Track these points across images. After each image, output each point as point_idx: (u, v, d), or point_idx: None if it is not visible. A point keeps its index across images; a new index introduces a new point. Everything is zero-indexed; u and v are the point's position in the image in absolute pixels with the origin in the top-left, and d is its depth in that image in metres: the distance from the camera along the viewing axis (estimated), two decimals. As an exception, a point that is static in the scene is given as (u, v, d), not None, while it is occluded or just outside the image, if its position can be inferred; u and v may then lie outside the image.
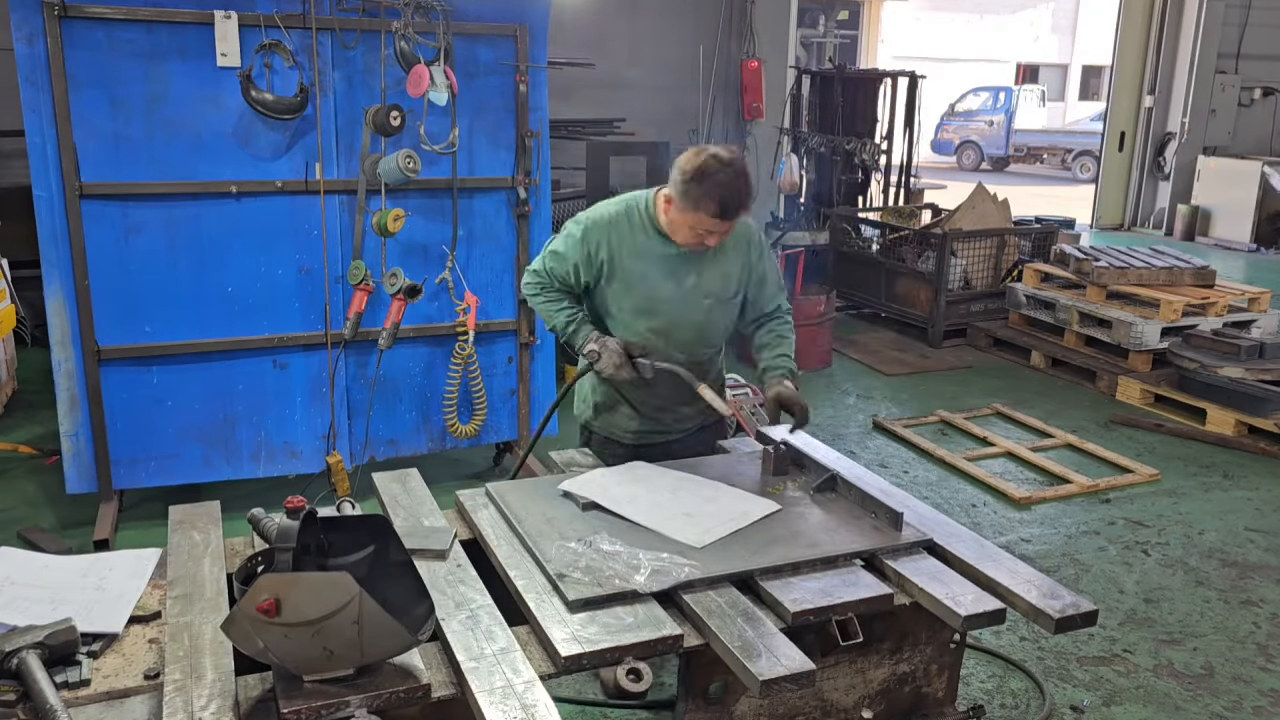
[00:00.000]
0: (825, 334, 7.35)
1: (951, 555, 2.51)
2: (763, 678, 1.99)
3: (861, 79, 9.97)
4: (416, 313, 4.58)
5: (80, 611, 2.11)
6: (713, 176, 2.74)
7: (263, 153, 4.31)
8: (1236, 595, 4.20)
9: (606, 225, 3.03)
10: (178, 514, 2.64)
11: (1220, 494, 5.25)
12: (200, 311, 4.36)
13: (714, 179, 2.74)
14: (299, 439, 4.63)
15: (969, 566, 2.45)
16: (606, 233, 3.02)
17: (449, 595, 2.24)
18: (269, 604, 1.78)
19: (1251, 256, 12.20)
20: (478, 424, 4.81)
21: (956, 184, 16.41)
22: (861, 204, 9.75)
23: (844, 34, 18.66)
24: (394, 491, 2.83)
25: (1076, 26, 28.92)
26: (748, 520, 2.56)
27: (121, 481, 4.41)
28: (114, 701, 1.93)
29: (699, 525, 2.51)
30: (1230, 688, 3.56)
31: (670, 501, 2.66)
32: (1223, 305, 6.98)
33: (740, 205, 2.80)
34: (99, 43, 4.01)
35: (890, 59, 22.99)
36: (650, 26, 9.70)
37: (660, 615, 2.16)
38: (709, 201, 2.76)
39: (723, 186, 2.74)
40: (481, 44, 4.59)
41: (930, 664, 2.54)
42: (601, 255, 3.01)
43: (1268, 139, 13.79)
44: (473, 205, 4.72)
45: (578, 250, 3.04)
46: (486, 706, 1.85)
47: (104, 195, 4.12)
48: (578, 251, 3.04)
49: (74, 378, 4.24)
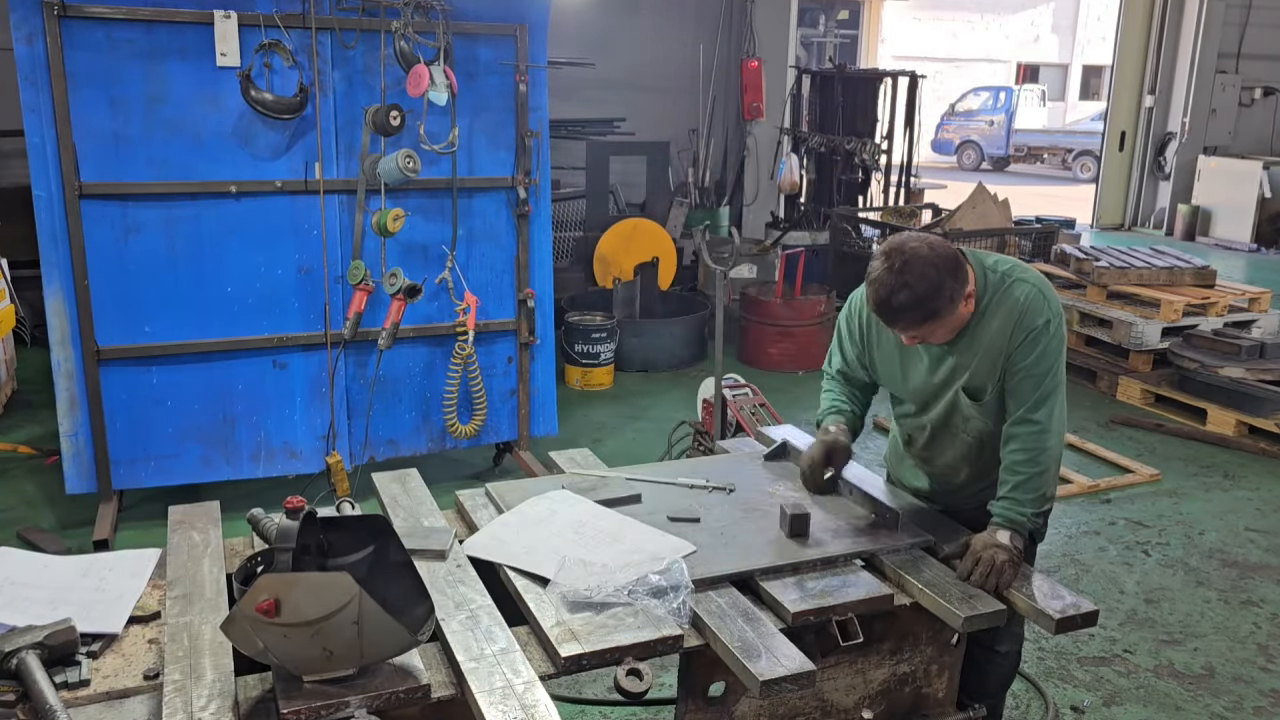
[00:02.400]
0: (825, 334, 7.34)
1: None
2: (763, 678, 1.99)
3: (861, 79, 9.97)
4: (416, 313, 4.58)
5: (80, 612, 2.10)
6: (873, 269, 2.38)
7: (262, 152, 4.31)
8: (1237, 595, 4.20)
9: (859, 299, 2.67)
10: (177, 514, 2.64)
11: (1221, 494, 5.25)
12: (200, 311, 4.35)
13: (872, 271, 2.38)
14: (299, 439, 4.63)
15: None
16: (861, 313, 2.72)
17: (449, 595, 2.23)
18: (269, 604, 1.78)
19: (1252, 256, 12.20)
20: (477, 424, 4.81)
21: (957, 184, 16.43)
22: (862, 204, 9.75)
23: (844, 34, 18.68)
24: (394, 491, 2.83)
25: (1076, 26, 28.91)
26: (655, 565, 2.27)
27: (121, 482, 4.41)
28: (114, 702, 1.93)
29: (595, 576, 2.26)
30: (1230, 688, 3.56)
31: (572, 544, 2.45)
32: (1223, 305, 6.97)
33: (893, 311, 2.35)
34: (99, 42, 4.01)
35: (890, 59, 23.01)
36: (650, 26, 9.70)
37: (660, 615, 2.16)
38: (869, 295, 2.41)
39: (876, 284, 2.35)
40: (481, 44, 4.59)
41: (930, 664, 2.54)
42: (857, 339, 2.75)
43: (1268, 139, 13.79)
44: (472, 205, 4.72)
45: (845, 331, 2.79)
46: (486, 707, 1.85)
47: (103, 195, 4.12)
48: (845, 332, 2.79)
49: (74, 378, 4.24)
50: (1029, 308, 2.44)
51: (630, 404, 6.41)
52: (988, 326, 2.47)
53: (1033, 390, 2.45)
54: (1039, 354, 2.43)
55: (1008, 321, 2.45)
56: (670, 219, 8.70)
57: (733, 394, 4.82)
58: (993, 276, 2.49)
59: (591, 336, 6.63)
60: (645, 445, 5.57)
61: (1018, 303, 2.44)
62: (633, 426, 5.98)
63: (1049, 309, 2.44)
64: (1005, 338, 2.45)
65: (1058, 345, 2.46)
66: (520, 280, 4.89)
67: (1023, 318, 2.44)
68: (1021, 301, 2.44)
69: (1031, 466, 2.45)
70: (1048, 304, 2.45)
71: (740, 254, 7.72)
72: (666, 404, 6.32)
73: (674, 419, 5.43)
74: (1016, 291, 2.46)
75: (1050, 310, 2.44)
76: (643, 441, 5.67)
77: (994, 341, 2.47)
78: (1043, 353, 2.43)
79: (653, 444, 5.48)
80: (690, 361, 7.26)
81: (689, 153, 9.58)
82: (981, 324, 2.48)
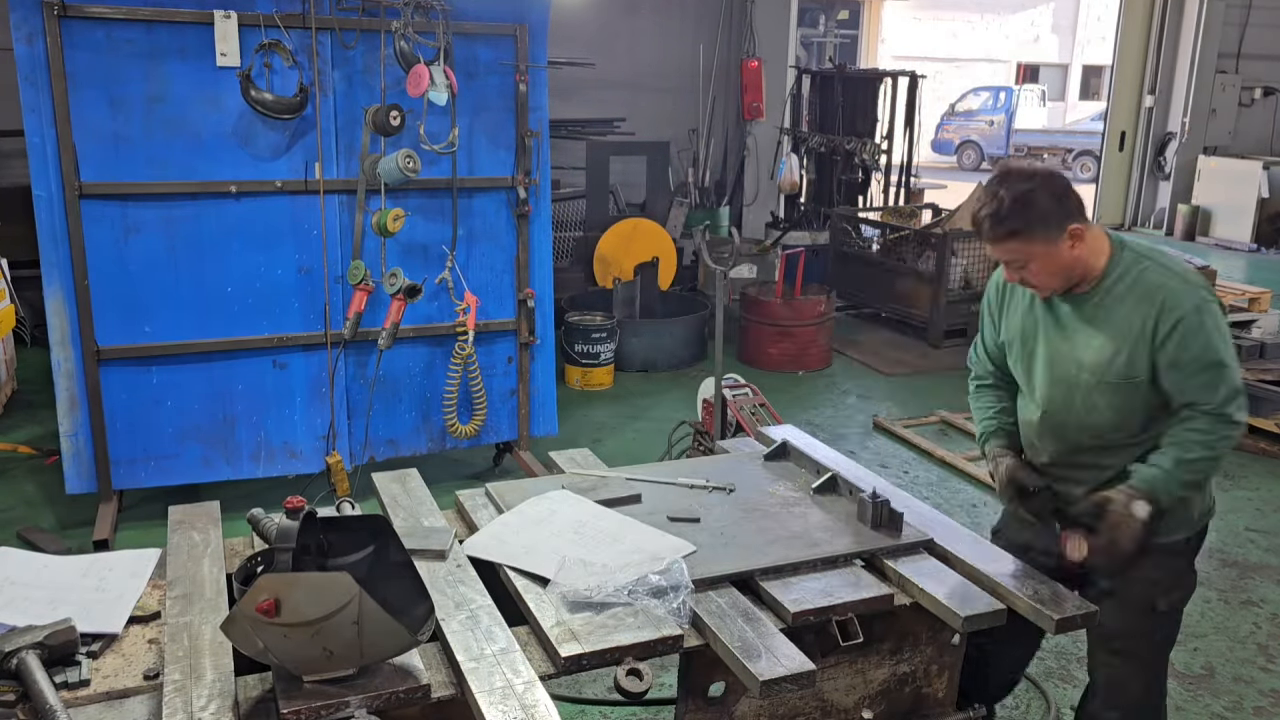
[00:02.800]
0: (825, 334, 7.35)
1: (952, 555, 2.50)
2: (763, 678, 1.99)
3: (861, 79, 9.97)
4: (416, 313, 4.58)
5: (80, 611, 2.10)
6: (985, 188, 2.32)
7: (262, 152, 4.31)
8: (1237, 595, 4.20)
9: (999, 272, 2.50)
10: (177, 514, 2.64)
11: (1221, 494, 5.22)
12: (200, 311, 4.36)
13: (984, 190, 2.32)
14: (299, 439, 4.63)
15: (969, 566, 2.45)
16: (998, 282, 2.56)
17: (449, 595, 2.23)
18: (269, 604, 1.78)
19: (1252, 256, 12.20)
20: (477, 424, 4.81)
21: (957, 184, 16.45)
22: (861, 204, 9.75)
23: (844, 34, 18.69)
24: (394, 491, 2.82)
25: (1076, 26, 28.91)
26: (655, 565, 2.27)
27: (121, 482, 4.41)
28: (114, 702, 1.93)
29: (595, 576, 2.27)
30: (1231, 688, 3.56)
31: (572, 544, 2.45)
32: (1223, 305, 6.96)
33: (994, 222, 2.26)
34: (99, 42, 4.01)
35: (890, 59, 23.00)
36: (650, 26, 9.71)
37: (660, 615, 2.16)
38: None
39: (978, 201, 2.31)
40: (481, 44, 4.59)
41: (930, 664, 2.54)
42: (994, 314, 2.61)
43: (1268, 139, 13.79)
44: (472, 205, 4.72)
45: (985, 310, 2.62)
46: (486, 707, 1.85)
47: (103, 195, 4.12)
48: (985, 312, 2.62)
49: (74, 378, 4.24)
50: (1168, 296, 2.25)
51: (630, 404, 6.41)
52: (1119, 304, 2.31)
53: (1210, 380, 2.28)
54: (1203, 343, 2.25)
55: (1145, 310, 2.27)
56: (670, 219, 8.70)
57: (733, 394, 4.83)
58: (1128, 254, 2.34)
59: (591, 336, 6.63)
60: (645, 445, 5.57)
61: (1154, 289, 2.27)
62: (633, 426, 5.99)
63: (1195, 295, 2.25)
64: (1144, 328, 2.27)
65: (1214, 326, 2.26)
66: (520, 280, 4.89)
67: (1165, 308, 2.25)
68: (1158, 288, 2.27)
69: (1204, 449, 2.30)
70: (1191, 290, 2.26)
71: (740, 254, 7.72)
72: (666, 404, 6.32)
73: (674, 419, 5.44)
74: (1152, 277, 2.29)
75: (1197, 296, 2.25)
76: (643, 441, 5.67)
77: (1128, 324, 2.29)
78: (1206, 341, 2.25)
79: (653, 444, 5.48)
80: (690, 361, 7.26)
81: (689, 153, 9.58)
82: (1110, 298, 2.33)
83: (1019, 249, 2.29)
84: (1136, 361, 2.31)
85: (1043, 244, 2.27)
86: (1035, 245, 2.27)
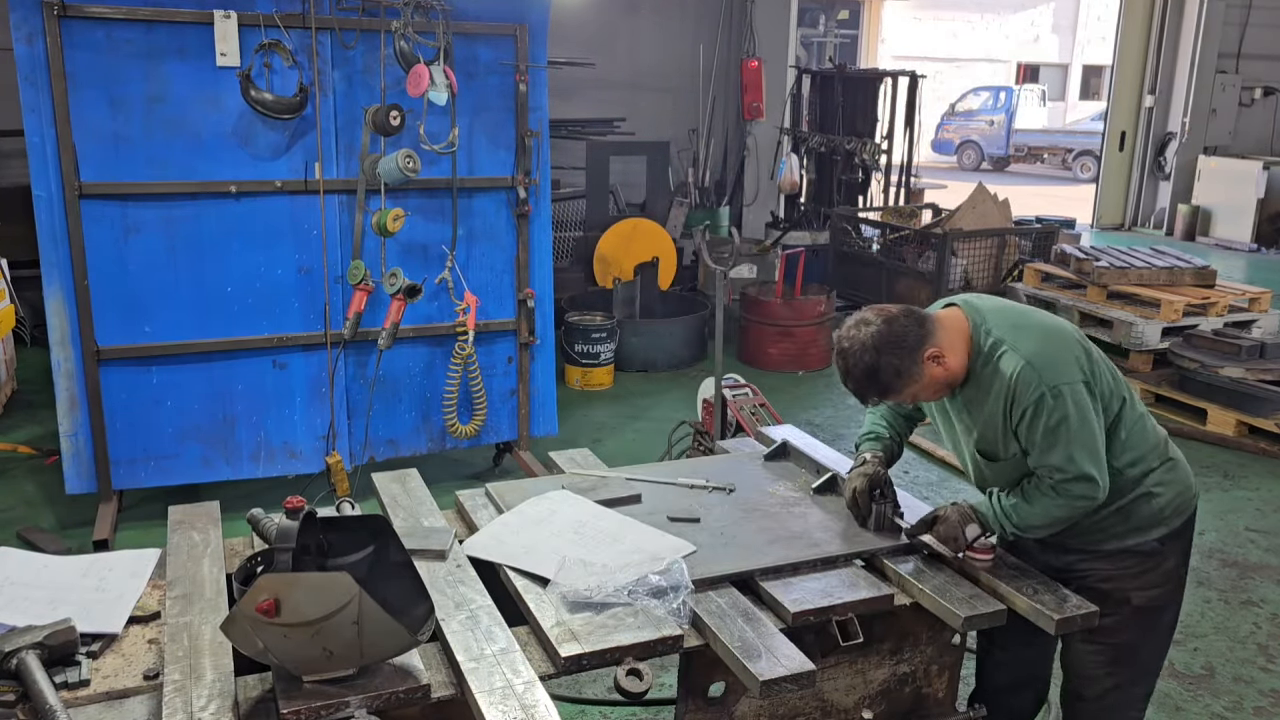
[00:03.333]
0: (825, 334, 7.34)
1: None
2: (763, 678, 1.99)
3: (861, 79, 9.97)
4: (416, 313, 4.58)
5: (79, 612, 2.10)
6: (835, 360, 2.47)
7: (262, 152, 4.31)
8: (1237, 595, 4.20)
9: None
10: (177, 514, 2.64)
11: (1221, 494, 5.25)
12: (200, 311, 4.35)
13: (836, 362, 2.48)
14: (298, 439, 4.63)
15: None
16: None
17: (449, 595, 2.23)
18: (269, 604, 1.78)
19: (1252, 256, 12.20)
20: (477, 424, 4.81)
21: (957, 184, 16.44)
22: (862, 204, 9.75)
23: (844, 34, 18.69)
24: (394, 492, 2.83)
25: (1076, 26, 28.91)
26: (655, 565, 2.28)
27: (121, 482, 4.41)
28: (113, 702, 1.93)
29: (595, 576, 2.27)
30: (1231, 688, 3.56)
31: (572, 544, 2.45)
32: (1223, 305, 6.97)
33: (860, 396, 2.46)
34: (98, 42, 4.01)
35: (890, 59, 23.00)
36: (650, 26, 9.71)
37: (660, 615, 2.16)
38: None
39: (839, 368, 2.47)
40: (481, 44, 4.58)
41: (930, 664, 2.54)
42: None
43: (1268, 139, 13.79)
44: (472, 205, 4.72)
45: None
46: (486, 707, 1.85)
47: (103, 195, 4.12)
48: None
49: (73, 378, 4.24)
50: (1018, 387, 2.34)
51: (630, 404, 6.41)
52: (985, 396, 2.42)
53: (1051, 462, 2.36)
54: (1042, 429, 2.33)
55: (1002, 400, 2.38)
56: (670, 219, 8.70)
57: (733, 394, 4.82)
58: (986, 340, 2.41)
59: (591, 336, 6.63)
60: (645, 445, 5.57)
61: (1006, 380, 2.36)
62: (633, 426, 5.98)
63: (1041, 385, 2.32)
64: (1005, 415, 2.39)
65: (1061, 414, 2.31)
66: (520, 280, 4.89)
67: (1015, 399, 2.35)
68: (1009, 377, 2.35)
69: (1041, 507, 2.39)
70: (1037, 378, 2.32)
71: (740, 254, 7.72)
72: (666, 404, 6.32)
73: (674, 419, 5.43)
74: (1004, 365, 2.37)
75: (1043, 386, 2.31)
76: (643, 441, 5.67)
77: (993, 413, 2.41)
78: (1045, 428, 2.32)
79: (653, 444, 5.48)
80: (690, 361, 7.26)
81: (689, 153, 9.58)
82: (978, 390, 2.44)
83: (898, 396, 2.45)
84: (1010, 443, 2.44)
85: (913, 384, 2.41)
86: (906, 390, 2.42)
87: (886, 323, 2.39)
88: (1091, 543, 2.52)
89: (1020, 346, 2.37)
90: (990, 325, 2.43)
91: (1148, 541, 2.51)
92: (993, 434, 2.45)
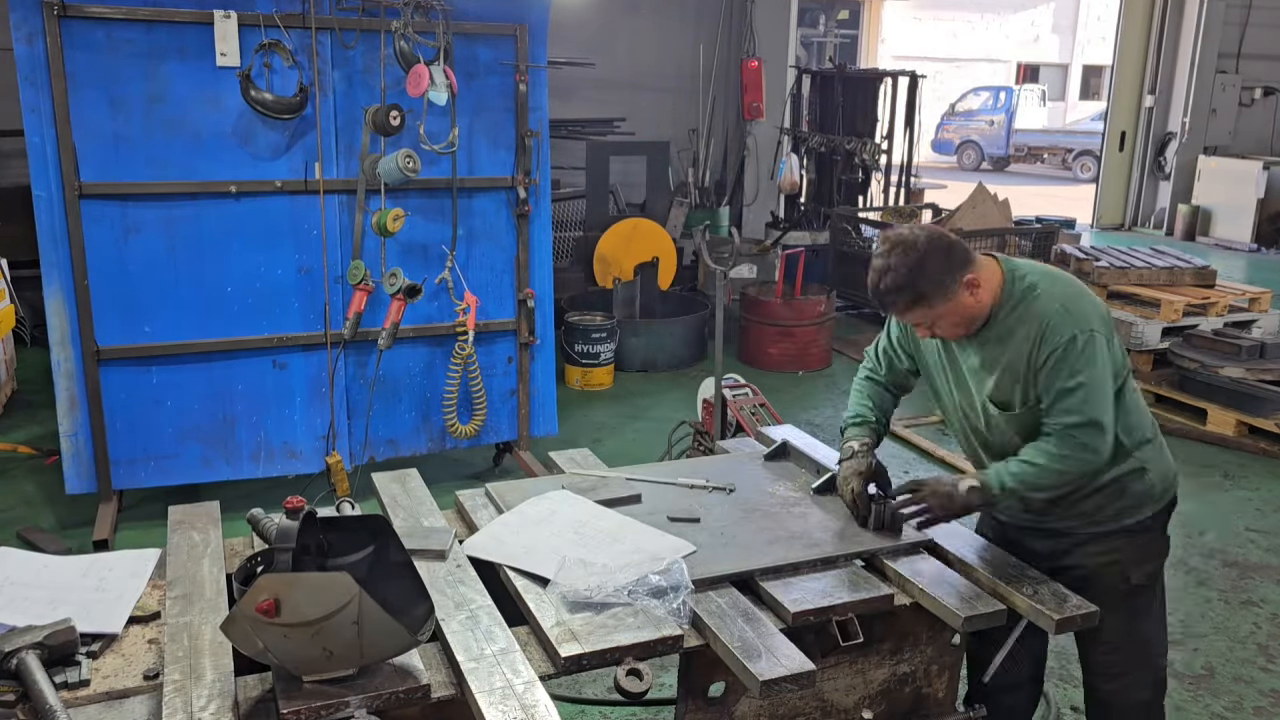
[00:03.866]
0: (825, 334, 7.35)
1: (952, 555, 2.50)
2: (763, 678, 1.99)
3: (861, 79, 9.97)
4: (416, 313, 4.58)
5: (79, 612, 2.10)
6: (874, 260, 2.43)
7: (262, 152, 4.31)
8: (1237, 596, 4.20)
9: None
10: (177, 514, 2.64)
11: (1221, 494, 5.25)
12: (200, 311, 4.35)
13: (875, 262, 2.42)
14: (298, 439, 4.63)
15: (969, 567, 2.45)
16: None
17: (449, 595, 2.23)
18: (269, 604, 1.78)
19: (1252, 256, 12.20)
20: (477, 424, 4.81)
21: (957, 184, 16.45)
22: (862, 204, 9.76)
23: (844, 34, 18.69)
24: (394, 492, 2.82)
25: (1076, 26, 28.91)
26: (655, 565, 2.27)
27: (121, 482, 4.41)
28: (113, 702, 1.93)
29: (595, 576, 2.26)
30: (1231, 688, 3.56)
31: (572, 544, 2.45)
32: (1223, 305, 6.97)
33: (882, 294, 2.40)
34: (98, 42, 4.01)
35: (890, 59, 22.99)
36: (650, 26, 9.71)
37: (660, 615, 2.16)
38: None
39: (870, 270, 2.44)
40: (481, 44, 4.59)
41: (931, 664, 2.54)
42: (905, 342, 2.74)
43: (1268, 139, 13.79)
44: (472, 205, 4.72)
45: (893, 324, 2.76)
46: (486, 707, 1.85)
47: (103, 195, 4.12)
48: (894, 325, 2.76)
49: (73, 378, 4.24)
50: (1049, 327, 2.35)
51: (630, 404, 6.41)
52: (1009, 337, 2.42)
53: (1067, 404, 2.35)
54: (1069, 370, 2.33)
55: (1030, 341, 2.38)
56: (670, 219, 8.70)
57: (733, 394, 4.82)
58: (1019, 285, 2.43)
59: (591, 336, 6.63)
60: (645, 445, 5.57)
61: (1037, 321, 2.37)
62: (633, 426, 5.98)
63: (1074, 326, 2.34)
64: (1029, 357, 2.38)
65: (1088, 357, 2.33)
66: (520, 280, 4.89)
67: (1043, 339, 2.36)
68: (1043, 316, 2.37)
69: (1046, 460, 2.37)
70: (1072, 321, 2.35)
71: (740, 254, 7.71)
72: (666, 404, 6.32)
73: (674, 419, 5.43)
74: (1038, 307, 2.39)
75: (1076, 328, 2.34)
76: (643, 441, 5.67)
77: (1017, 355, 2.40)
78: (1072, 369, 2.33)
79: (653, 444, 5.48)
80: (690, 361, 7.26)
81: (689, 153, 9.58)
82: (1003, 330, 2.43)
83: (924, 313, 2.42)
84: (1030, 390, 2.43)
85: (944, 302, 2.39)
86: (937, 306, 2.39)
87: (939, 234, 2.41)
88: (1090, 524, 2.55)
89: (1055, 291, 2.42)
90: (1024, 271, 2.48)
91: (1142, 519, 2.57)
92: (1010, 380, 2.44)
